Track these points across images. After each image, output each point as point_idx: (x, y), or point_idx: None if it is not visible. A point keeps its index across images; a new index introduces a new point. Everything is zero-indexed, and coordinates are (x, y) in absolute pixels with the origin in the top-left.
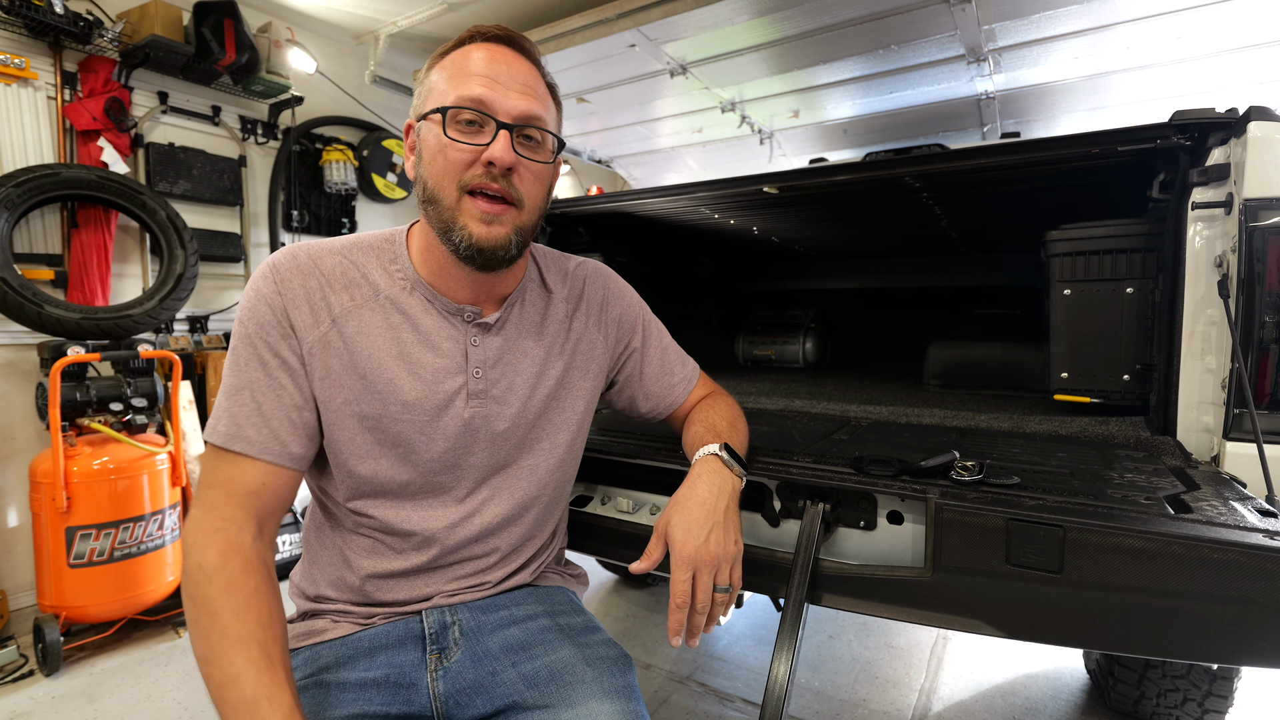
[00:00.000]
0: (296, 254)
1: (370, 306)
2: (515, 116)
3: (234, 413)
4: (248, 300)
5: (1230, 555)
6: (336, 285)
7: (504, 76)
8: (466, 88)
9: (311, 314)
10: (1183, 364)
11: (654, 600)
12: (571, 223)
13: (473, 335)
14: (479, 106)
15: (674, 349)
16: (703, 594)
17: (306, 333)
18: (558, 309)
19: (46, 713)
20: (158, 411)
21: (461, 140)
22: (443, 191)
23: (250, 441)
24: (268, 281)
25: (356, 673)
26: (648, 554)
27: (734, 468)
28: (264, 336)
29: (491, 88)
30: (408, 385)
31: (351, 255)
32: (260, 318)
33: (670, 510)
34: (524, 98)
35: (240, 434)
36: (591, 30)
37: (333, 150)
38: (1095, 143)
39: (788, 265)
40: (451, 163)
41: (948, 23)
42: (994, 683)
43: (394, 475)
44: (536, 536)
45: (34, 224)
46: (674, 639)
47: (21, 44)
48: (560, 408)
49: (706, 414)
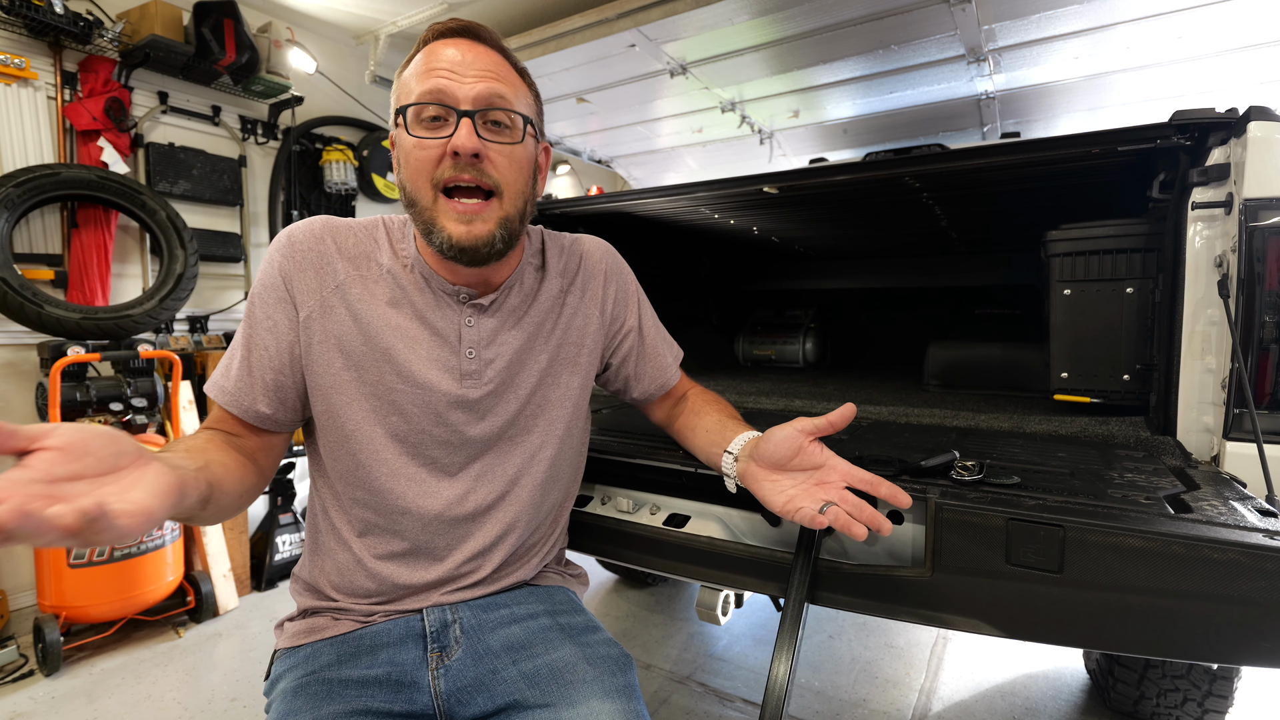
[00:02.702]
0: (314, 222)
1: (374, 278)
2: (475, 100)
3: (226, 368)
4: (262, 265)
5: (1230, 555)
6: (345, 255)
7: (460, 65)
8: (425, 83)
9: (316, 277)
10: (1183, 364)
11: (654, 600)
12: (571, 223)
13: (467, 316)
14: (438, 99)
15: (663, 330)
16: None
17: (307, 297)
18: (552, 285)
19: (46, 713)
20: (158, 411)
21: (426, 136)
22: (419, 193)
23: (229, 396)
24: (279, 247)
25: (358, 670)
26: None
27: None
28: (262, 299)
29: (448, 77)
30: (402, 358)
31: (367, 230)
32: (265, 281)
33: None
34: (482, 80)
35: (222, 386)
36: (591, 30)
37: (333, 150)
38: (1095, 143)
39: (788, 265)
40: (421, 161)
41: (948, 23)
42: (994, 683)
43: (387, 443)
44: (539, 528)
45: (34, 224)
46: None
47: (21, 44)
48: (555, 384)
49: (715, 409)
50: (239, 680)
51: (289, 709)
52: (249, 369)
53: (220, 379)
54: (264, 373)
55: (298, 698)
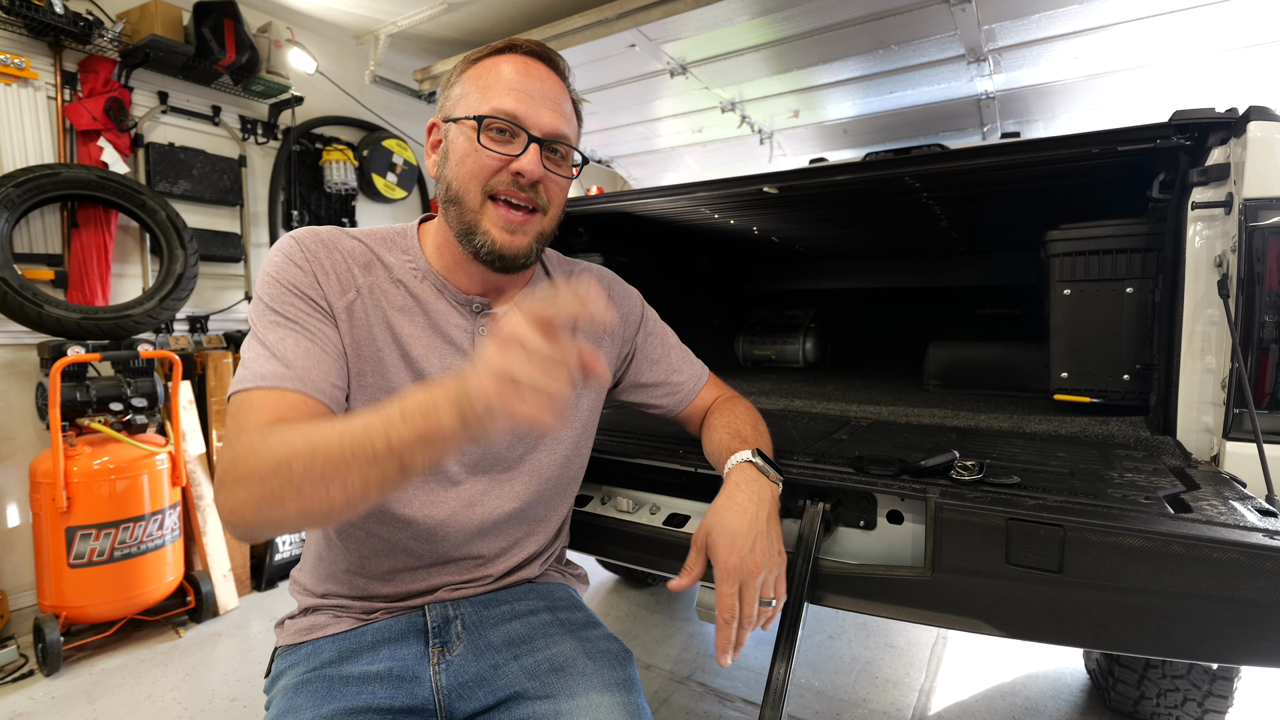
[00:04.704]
0: (318, 231)
1: (387, 286)
2: (545, 132)
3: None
4: (274, 266)
5: (1230, 555)
6: (356, 263)
7: (537, 92)
8: (501, 99)
9: (338, 282)
10: (1183, 364)
11: (654, 600)
12: (571, 223)
13: (480, 325)
14: (512, 119)
15: (680, 349)
16: (749, 607)
17: (335, 299)
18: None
19: (46, 713)
20: (158, 411)
21: (493, 149)
22: (467, 194)
23: (286, 378)
24: (294, 248)
25: (359, 666)
26: (688, 569)
27: (770, 474)
28: (299, 291)
29: (525, 102)
30: (416, 366)
31: (366, 240)
32: (292, 276)
33: (710, 520)
34: (554, 115)
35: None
36: (591, 30)
37: (333, 150)
38: (1095, 143)
39: (788, 265)
40: (480, 168)
41: (948, 23)
42: (994, 683)
43: None
44: (540, 533)
45: (34, 224)
46: (724, 658)
47: (21, 44)
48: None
49: (728, 418)
50: (239, 680)
51: (289, 706)
52: (309, 350)
53: (274, 368)
54: (327, 345)
55: (298, 694)
